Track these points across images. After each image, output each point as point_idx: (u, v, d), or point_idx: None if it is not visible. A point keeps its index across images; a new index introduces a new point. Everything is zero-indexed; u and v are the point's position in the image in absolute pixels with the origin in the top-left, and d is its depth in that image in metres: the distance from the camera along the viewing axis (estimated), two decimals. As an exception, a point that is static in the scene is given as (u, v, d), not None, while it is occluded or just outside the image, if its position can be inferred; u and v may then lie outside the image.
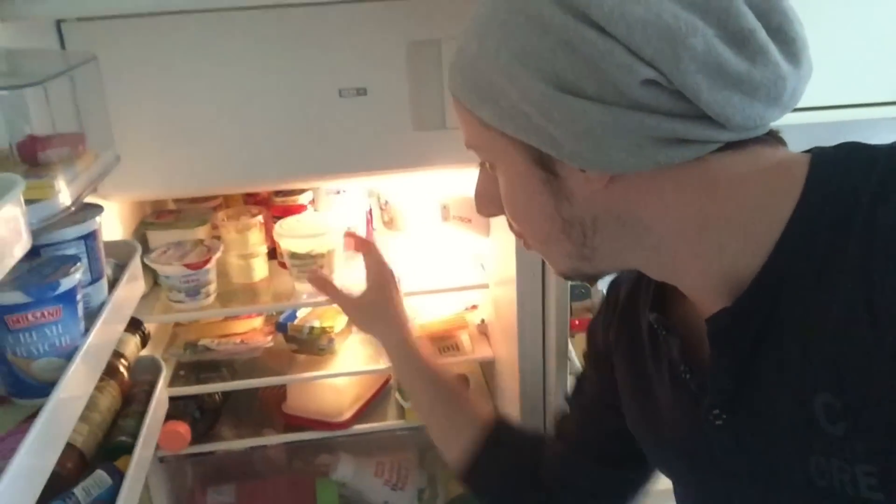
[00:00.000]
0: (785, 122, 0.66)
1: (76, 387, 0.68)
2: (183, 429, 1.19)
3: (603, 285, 0.85)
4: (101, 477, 0.80)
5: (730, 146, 0.57)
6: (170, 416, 1.20)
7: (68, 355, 0.69)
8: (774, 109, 0.56)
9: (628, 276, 0.80)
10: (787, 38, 0.54)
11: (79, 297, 0.71)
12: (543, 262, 1.10)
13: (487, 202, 0.69)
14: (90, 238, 0.78)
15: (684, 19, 0.52)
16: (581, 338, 1.80)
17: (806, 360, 0.54)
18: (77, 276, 0.70)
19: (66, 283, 0.69)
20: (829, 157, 0.57)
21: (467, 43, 0.61)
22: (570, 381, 1.19)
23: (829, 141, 0.61)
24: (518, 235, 0.70)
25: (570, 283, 1.10)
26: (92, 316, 0.76)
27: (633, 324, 0.76)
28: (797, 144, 0.63)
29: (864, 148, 0.57)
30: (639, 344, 0.74)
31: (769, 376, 0.58)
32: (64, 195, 0.71)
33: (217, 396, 1.32)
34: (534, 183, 0.61)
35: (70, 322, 0.70)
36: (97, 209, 0.81)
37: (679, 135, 0.54)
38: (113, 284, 0.85)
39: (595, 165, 0.57)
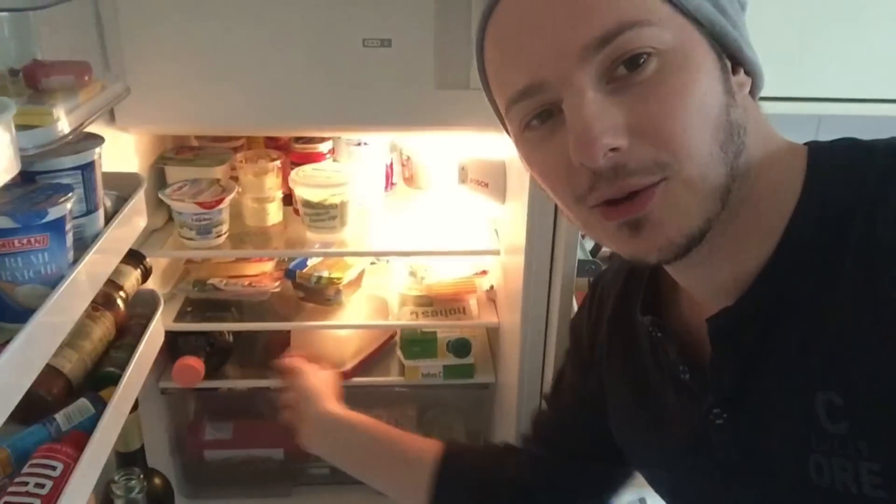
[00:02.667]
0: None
1: (58, 315, 0.69)
2: (198, 364, 1.21)
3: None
4: (83, 405, 0.81)
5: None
6: (182, 352, 1.22)
7: (53, 283, 0.69)
8: None
9: (611, 278, 0.78)
10: None
11: (68, 227, 0.71)
12: (554, 232, 1.08)
13: (614, 124, 0.52)
14: (87, 169, 0.78)
15: None
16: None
17: (807, 358, 0.54)
18: (67, 205, 0.70)
19: (54, 212, 0.69)
20: (827, 152, 0.57)
21: None
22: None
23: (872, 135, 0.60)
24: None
25: (578, 258, 1.08)
26: (85, 247, 0.76)
27: (627, 329, 0.74)
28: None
29: (862, 144, 0.56)
30: (636, 349, 0.73)
31: (770, 375, 0.57)
32: (63, 123, 0.71)
33: (228, 336, 1.33)
34: (713, 74, 0.54)
35: (57, 251, 0.70)
36: (98, 140, 0.81)
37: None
38: (112, 217, 0.85)
39: (753, 63, 0.58)
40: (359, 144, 1.34)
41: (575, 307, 1.15)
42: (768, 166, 0.57)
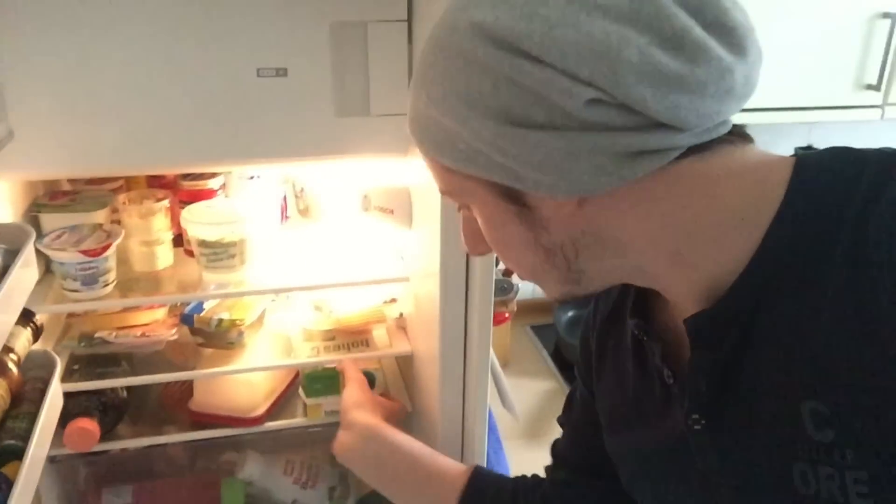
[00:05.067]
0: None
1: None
2: (91, 426, 1.11)
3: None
4: (-14, 487, 0.72)
5: (695, 150, 0.56)
6: (71, 414, 1.11)
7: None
8: (729, 102, 0.55)
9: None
10: (725, 30, 0.53)
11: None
12: (468, 256, 1.08)
13: (475, 241, 0.70)
14: (-25, 224, 0.70)
15: (615, 33, 0.51)
16: (494, 330, 1.81)
17: (791, 366, 0.54)
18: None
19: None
20: (815, 161, 0.57)
21: (417, 94, 0.62)
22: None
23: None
24: (508, 269, 0.73)
25: (493, 278, 1.08)
26: (-23, 310, 0.68)
27: (619, 331, 0.75)
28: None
29: (852, 152, 0.57)
30: (623, 350, 0.74)
31: (751, 382, 0.57)
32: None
33: (121, 392, 1.23)
34: (508, 217, 0.62)
35: (-48, 317, 0.62)
36: (-16, 191, 0.72)
37: (637, 147, 0.53)
38: (1, 274, 0.76)
39: (561, 191, 0.56)
40: (251, 178, 1.29)
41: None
42: (718, 196, 0.57)
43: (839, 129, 1.94)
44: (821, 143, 1.92)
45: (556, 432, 0.98)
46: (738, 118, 1.46)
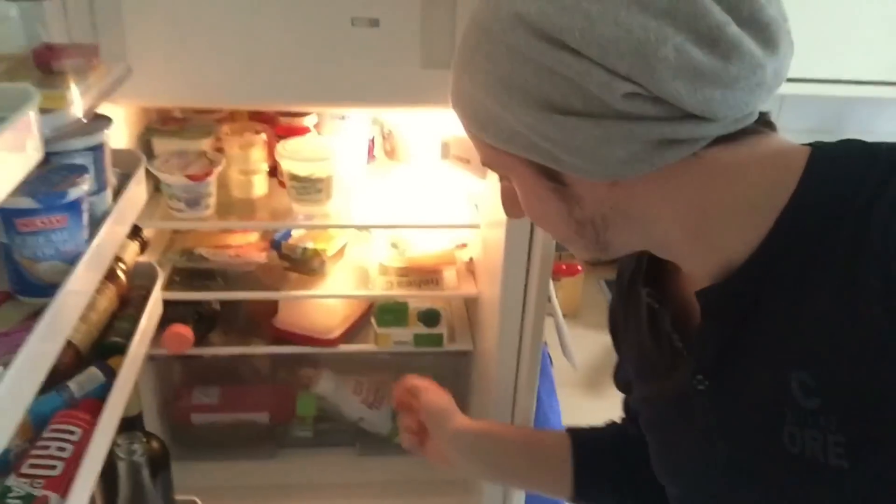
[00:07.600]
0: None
1: (77, 290, 0.72)
2: (187, 332, 1.25)
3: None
4: (94, 374, 0.85)
5: (722, 139, 0.59)
6: (170, 320, 1.25)
7: (71, 260, 0.73)
8: (759, 94, 0.58)
9: (628, 258, 0.83)
10: (760, 26, 0.56)
11: (84, 206, 0.75)
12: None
13: (512, 208, 0.74)
14: (98, 150, 0.81)
15: (654, 30, 0.54)
16: (567, 281, 1.86)
17: (786, 339, 0.59)
18: (84, 186, 0.74)
19: (73, 193, 0.72)
20: (829, 151, 0.60)
21: (459, 75, 0.65)
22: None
23: (831, 114, 0.63)
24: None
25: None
26: (95, 223, 0.80)
27: (636, 301, 0.80)
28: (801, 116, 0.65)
29: (865, 145, 0.59)
30: (640, 314, 0.78)
31: (751, 350, 0.63)
32: (76, 106, 0.74)
33: (215, 304, 1.37)
34: (544, 193, 0.66)
35: (75, 230, 0.74)
36: (106, 121, 0.83)
37: (669, 137, 0.57)
38: (117, 193, 0.88)
39: (595, 175, 0.61)
40: (342, 118, 1.37)
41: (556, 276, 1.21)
42: (739, 184, 0.61)
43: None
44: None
45: (612, 385, 1.00)
46: (844, 91, 1.42)
